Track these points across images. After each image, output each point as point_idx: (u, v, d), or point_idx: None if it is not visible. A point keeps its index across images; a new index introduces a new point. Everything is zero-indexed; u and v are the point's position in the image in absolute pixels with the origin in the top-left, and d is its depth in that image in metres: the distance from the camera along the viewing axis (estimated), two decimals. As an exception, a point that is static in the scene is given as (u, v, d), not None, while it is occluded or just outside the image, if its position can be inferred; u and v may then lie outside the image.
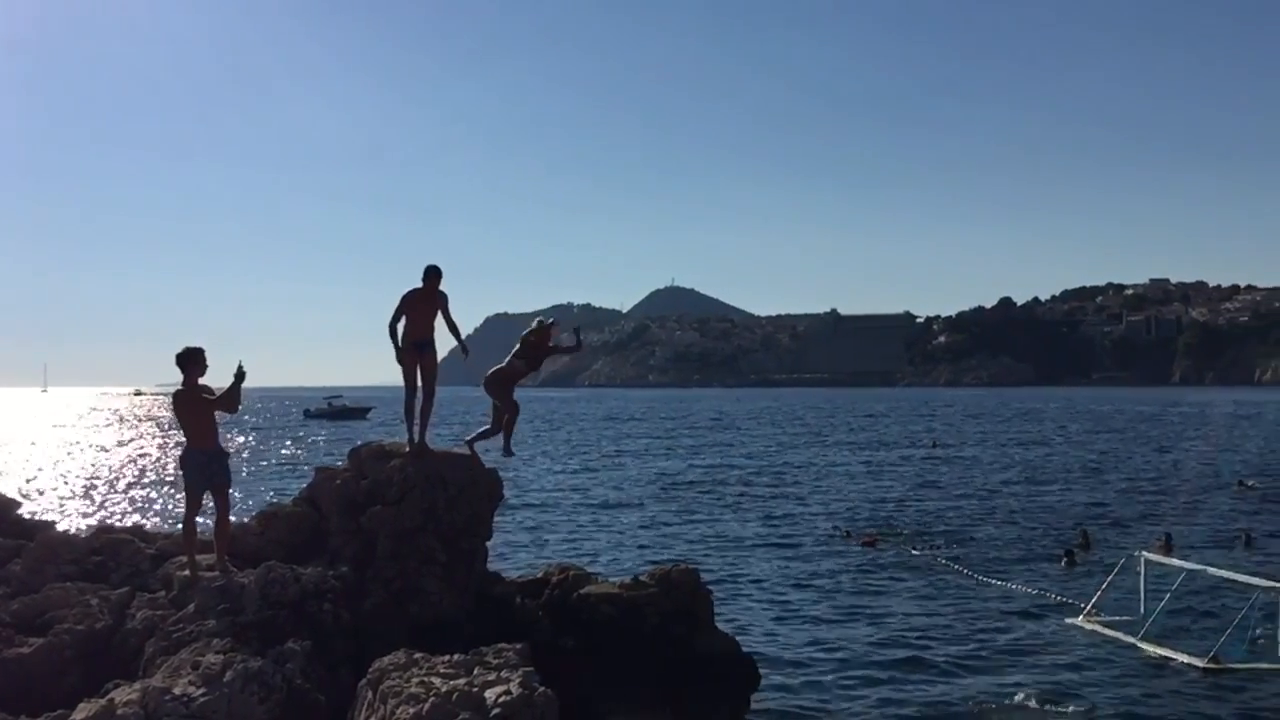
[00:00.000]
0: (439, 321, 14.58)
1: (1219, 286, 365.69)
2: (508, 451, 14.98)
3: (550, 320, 14.67)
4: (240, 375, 12.48)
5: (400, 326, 14.52)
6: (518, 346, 14.20)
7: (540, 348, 14.24)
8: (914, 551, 29.05)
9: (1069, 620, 20.66)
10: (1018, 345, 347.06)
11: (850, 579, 25.47)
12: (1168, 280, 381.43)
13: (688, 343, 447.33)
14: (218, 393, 12.64)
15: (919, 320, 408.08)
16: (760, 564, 27.78)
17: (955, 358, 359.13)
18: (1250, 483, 45.60)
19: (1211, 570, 20.69)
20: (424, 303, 14.20)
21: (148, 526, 20.73)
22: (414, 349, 14.59)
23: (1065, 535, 31.45)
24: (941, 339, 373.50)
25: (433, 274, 14.16)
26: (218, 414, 12.87)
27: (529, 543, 30.50)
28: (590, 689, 14.20)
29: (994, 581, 24.81)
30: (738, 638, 16.79)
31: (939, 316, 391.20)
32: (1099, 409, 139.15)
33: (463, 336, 15.15)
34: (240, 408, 12.94)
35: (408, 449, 14.69)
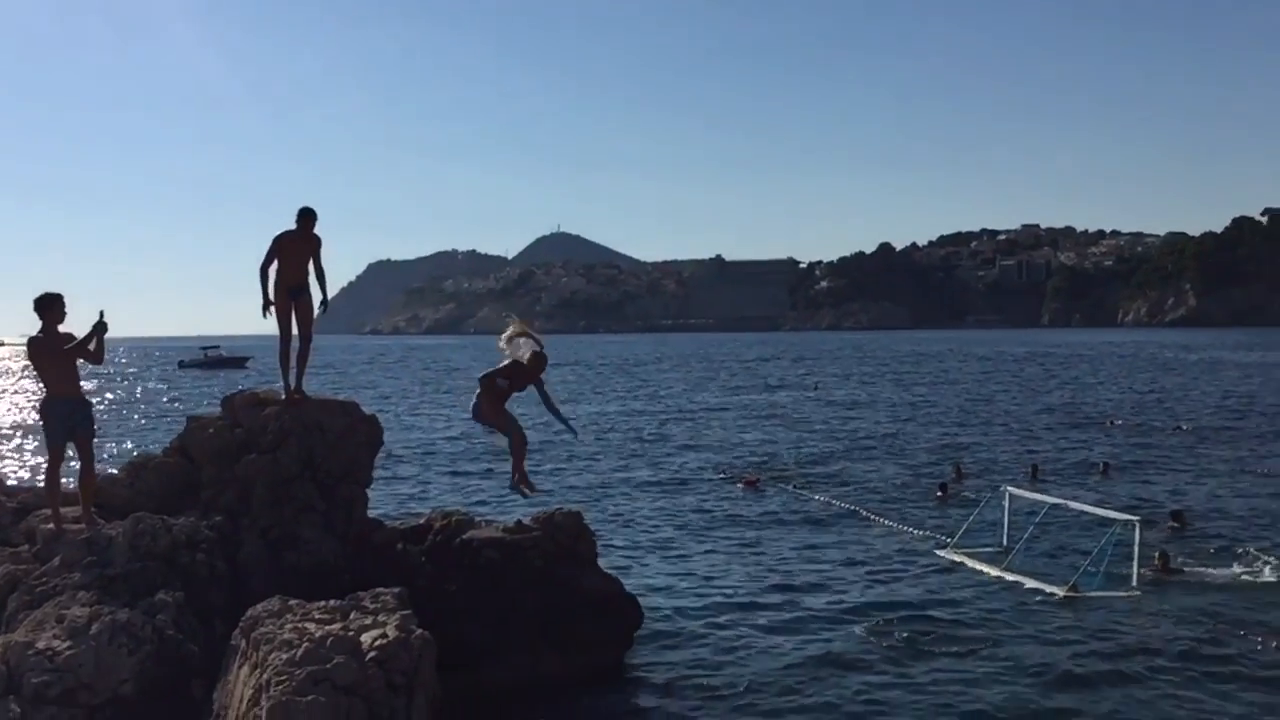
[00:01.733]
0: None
1: (1086, 231, 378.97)
2: (526, 487, 12.67)
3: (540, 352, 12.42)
4: (102, 327, 12.04)
5: (272, 271, 14.17)
6: (505, 363, 12.22)
7: (533, 376, 12.17)
8: (794, 491, 29.68)
9: (938, 552, 21.39)
10: (896, 290, 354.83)
11: (731, 519, 25.92)
12: (1038, 226, 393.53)
13: (574, 289, 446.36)
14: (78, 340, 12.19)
15: (802, 266, 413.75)
16: (644, 506, 28.07)
17: (837, 302, 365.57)
18: (1114, 420, 47.72)
19: (1073, 504, 21.63)
20: (298, 246, 13.87)
21: (9, 480, 19.96)
22: (288, 294, 14.27)
23: (940, 471, 32.49)
24: (824, 284, 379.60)
25: (307, 216, 13.80)
26: (82, 365, 12.42)
27: (414, 493, 30.23)
28: (474, 632, 14.26)
29: (870, 516, 25.52)
30: (621, 578, 17.00)
31: (821, 262, 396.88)
32: (974, 351, 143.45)
33: (328, 288, 14.74)
34: (106, 359, 12.49)
35: (283, 397, 14.43)
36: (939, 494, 28.26)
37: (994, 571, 19.61)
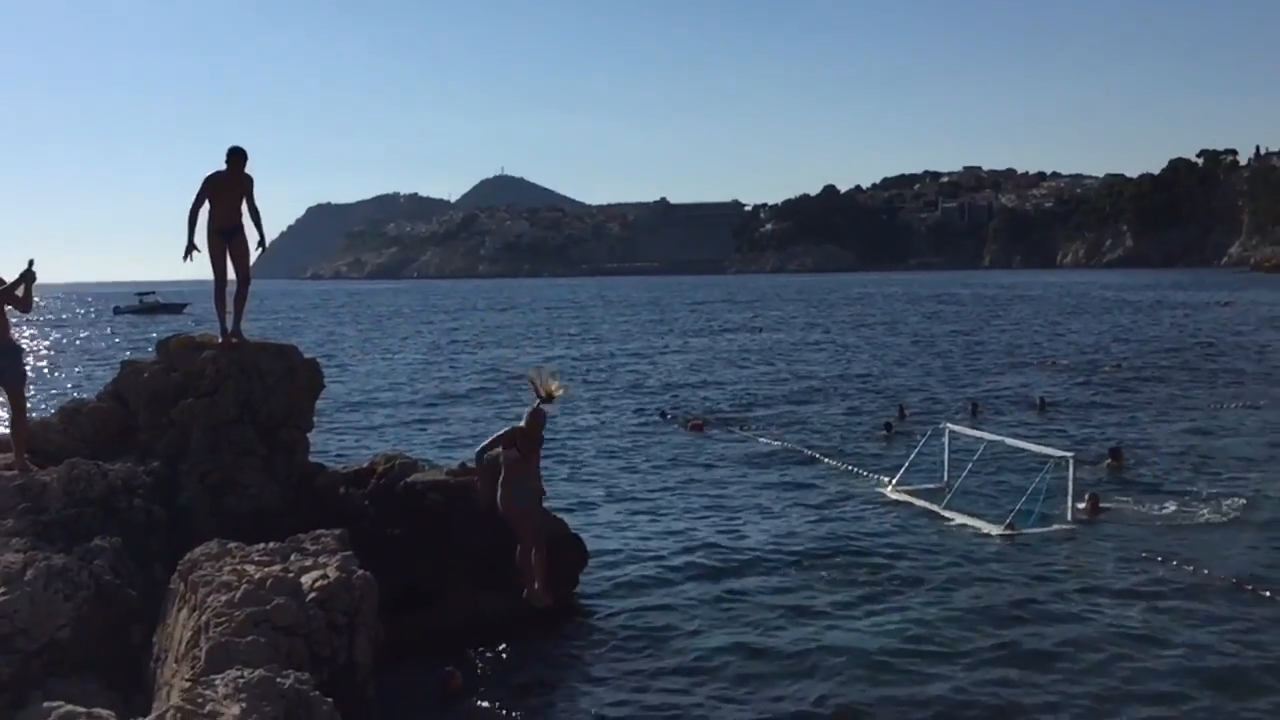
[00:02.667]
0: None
1: (1027, 174, 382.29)
2: (541, 595, 11.45)
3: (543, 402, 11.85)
4: (30, 275, 11.75)
5: (203, 214, 13.86)
6: (502, 431, 11.47)
7: (532, 436, 11.55)
8: (740, 433, 29.90)
9: (880, 490, 21.70)
10: (841, 232, 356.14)
11: (677, 462, 26.08)
12: (980, 168, 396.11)
13: (518, 233, 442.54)
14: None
15: (747, 209, 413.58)
16: (589, 449, 28.15)
17: (781, 245, 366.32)
18: (1053, 360, 48.55)
19: (1009, 441, 22.00)
20: (228, 187, 13.55)
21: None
22: (220, 236, 13.99)
23: (885, 410, 32.88)
24: (769, 227, 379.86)
25: (236, 156, 13.45)
26: (12, 313, 12.11)
27: (356, 439, 30.00)
28: (418, 575, 14.25)
29: (815, 456, 25.81)
30: (566, 520, 17.07)
31: (766, 205, 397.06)
32: (917, 292, 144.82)
33: (264, 228, 14.46)
34: (36, 305, 12.21)
35: (220, 340, 14.19)
36: (883, 433, 28.65)
37: (934, 509, 19.94)
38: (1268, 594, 14.74)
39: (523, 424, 11.24)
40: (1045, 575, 16.12)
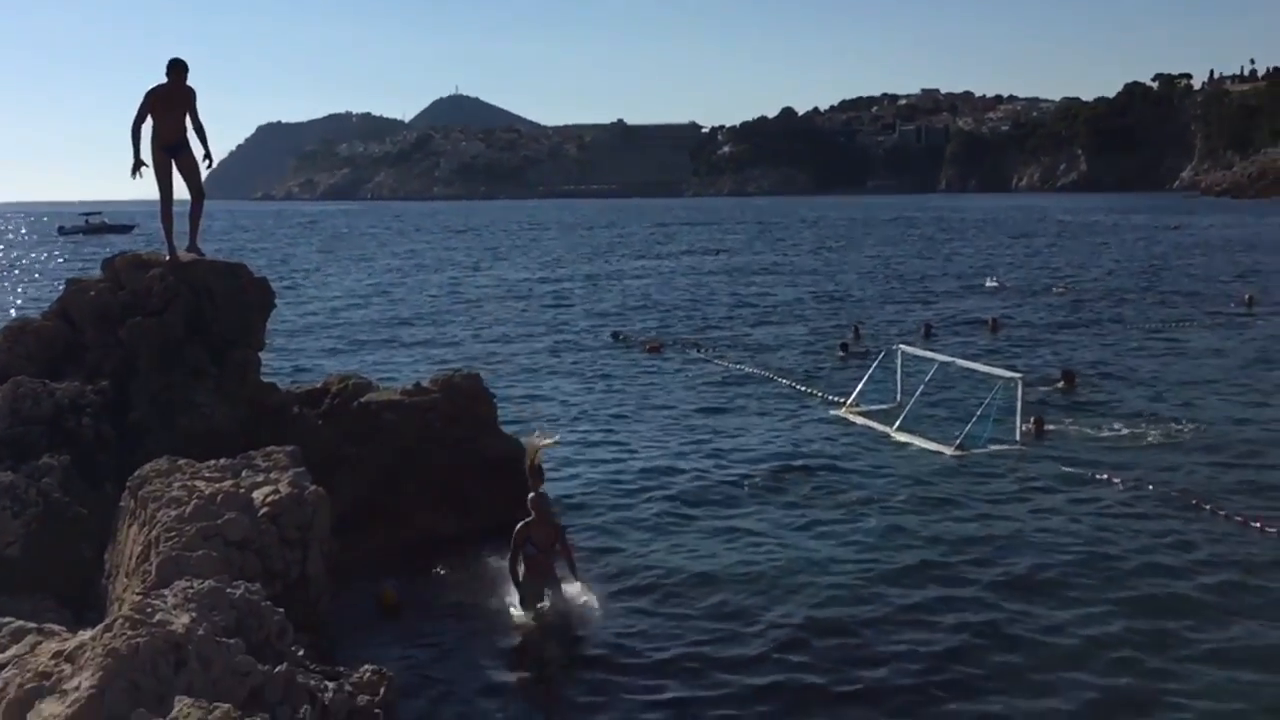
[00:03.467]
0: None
1: (984, 97, 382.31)
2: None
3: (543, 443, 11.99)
4: None
5: (147, 129, 13.56)
6: (517, 529, 11.40)
7: (543, 527, 11.67)
8: (697, 354, 29.99)
9: (833, 412, 21.90)
10: (798, 155, 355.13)
11: (632, 382, 26.16)
12: (938, 91, 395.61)
13: (473, 154, 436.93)
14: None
15: (704, 131, 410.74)
16: (545, 369, 28.15)
17: (739, 168, 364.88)
18: (1005, 282, 48.97)
19: (960, 362, 22.23)
20: (171, 101, 13.25)
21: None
22: (165, 152, 13.71)
23: (840, 331, 33.09)
24: (726, 149, 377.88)
25: (177, 68, 13.14)
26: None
27: (310, 363, 29.75)
28: (373, 494, 14.26)
29: (772, 378, 25.97)
30: (524, 439, 17.10)
31: (724, 127, 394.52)
32: (873, 215, 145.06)
33: (209, 142, 14.18)
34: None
35: (168, 258, 13.95)
36: (840, 354, 28.88)
37: (886, 430, 20.16)
38: (1208, 508, 15.12)
39: (530, 518, 11.33)
40: (994, 495, 16.41)
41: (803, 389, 24.63)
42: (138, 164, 13.49)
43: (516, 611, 11.56)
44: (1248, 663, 10.35)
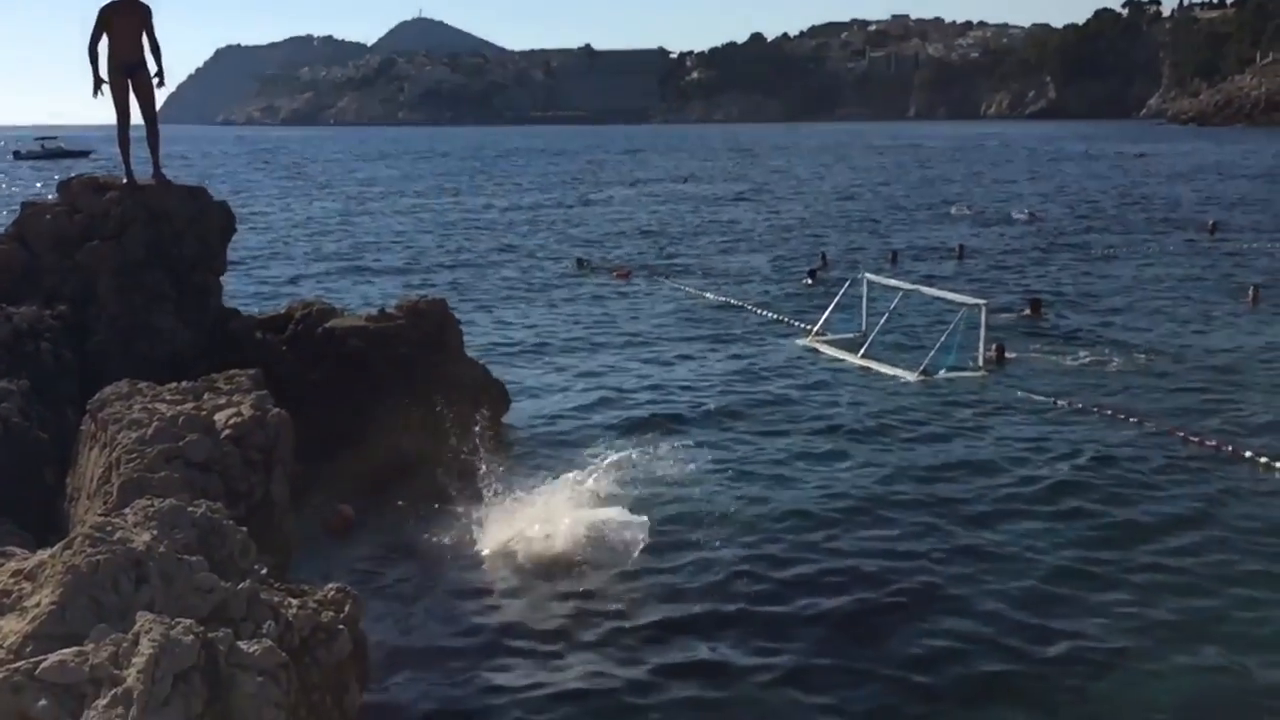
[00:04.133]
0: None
1: (954, 23, 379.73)
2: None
3: None
4: None
5: (103, 49, 13.24)
6: None
7: None
8: (666, 282, 29.95)
9: (799, 341, 21.96)
10: (768, 82, 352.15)
11: (598, 309, 26.13)
12: (907, 16, 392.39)
13: (438, 79, 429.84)
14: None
15: (673, 56, 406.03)
16: (511, 297, 28.05)
17: (708, 94, 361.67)
18: (973, 208, 49.10)
19: (925, 290, 22.34)
20: (125, 19, 12.92)
21: None
22: (122, 71, 13.40)
23: (810, 259, 33.11)
24: (695, 75, 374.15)
25: (130, -16, 12.78)
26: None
27: (273, 290, 29.45)
28: (339, 420, 14.22)
29: (741, 305, 26.01)
30: (489, 366, 17.08)
31: (692, 53, 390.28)
32: (843, 143, 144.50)
33: (164, 61, 13.86)
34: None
35: (125, 182, 13.72)
36: (807, 282, 28.93)
37: (852, 358, 20.26)
38: (1168, 431, 15.39)
39: None
40: (958, 422, 16.63)
41: (770, 316, 24.69)
42: (98, 83, 13.24)
43: (480, 536, 11.62)
44: (1212, 582, 10.62)
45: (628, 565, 10.79)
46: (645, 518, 11.53)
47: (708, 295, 27.58)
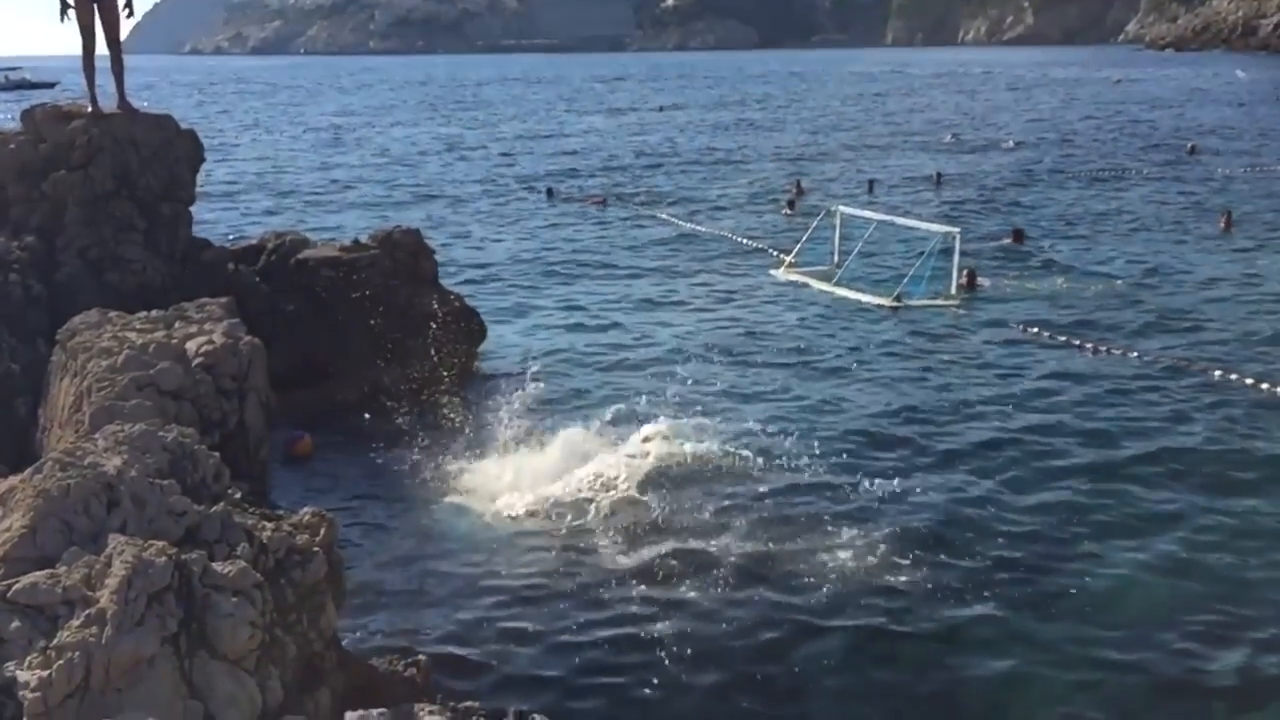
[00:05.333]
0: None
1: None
2: None
3: None
4: None
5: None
6: None
7: None
8: (641, 210, 29.80)
9: (773, 271, 21.92)
10: (743, 8, 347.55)
11: (578, 238, 26.02)
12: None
13: (409, 6, 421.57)
14: None
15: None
16: (485, 226, 27.87)
17: (684, 21, 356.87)
18: (952, 135, 48.90)
19: (899, 220, 22.33)
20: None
21: None
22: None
23: (787, 187, 32.93)
24: (670, 2, 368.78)
25: (92, -96, 12.45)
26: None
27: (248, 223, 29.11)
28: (314, 350, 14.19)
29: (717, 233, 25.93)
30: (466, 296, 17.01)
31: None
32: (820, 70, 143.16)
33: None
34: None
35: (90, 110, 13.48)
36: (786, 211, 28.77)
37: (825, 286, 20.30)
38: (1134, 355, 15.55)
39: None
40: (926, 337, 16.79)
41: (746, 244, 24.64)
42: (64, 6, 12.95)
43: (452, 469, 11.66)
44: (1187, 504, 10.83)
45: (598, 503, 10.71)
46: (617, 458, 11.49)
47: (683, 223, 27.48)
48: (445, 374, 13.85)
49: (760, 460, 11.80)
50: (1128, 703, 7.62)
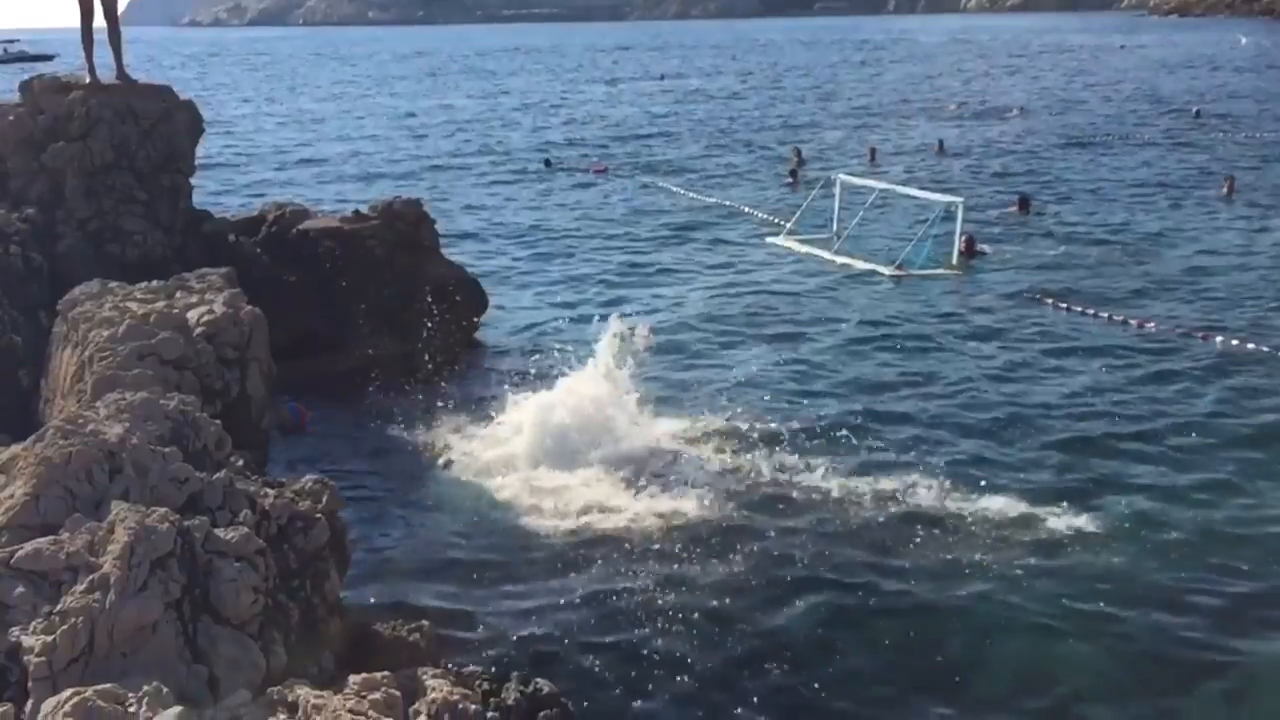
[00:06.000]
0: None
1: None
2: None
3: None
4: None
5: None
6: None
7: None
8: (642, 177, 29.73)
9: (771, 239, 21.86)
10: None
11: (581, 206, 25.97)
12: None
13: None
14: None
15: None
16: (489, 195, 27.81)
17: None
18: (959, 102, 48.66)
19: (899, 189, 22.25)
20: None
21: None
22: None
23: (788, 156, 32.77)
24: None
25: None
26: None
27: (249, 196, 28.98)
28: (315, 322, 14.20)
29: (717, 202, 25.86)
30: (467, 266, 16.99)
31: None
32: (821, 38, 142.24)
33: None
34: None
35: (89, 81, 13.44)
36: (789, 180, 28.60)
37: (827, 256, 20.25)
38: (1134, 323, 15.55)
39: None
40: (929, 306, 16.78)
41: (748, 212, 24.58)
42: None
43: (453, 440, 11.69)
44: (1184, 455, 10.91)
45: (599, 475, 10.73)
46: (618, 429, 11.50)
47: (684, 192, 27.40)
48: (446, 344, 13.86)
49: (760, 428, 11.81)
50: (1131, 668, 7.68)
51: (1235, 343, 14.46)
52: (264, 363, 7.26)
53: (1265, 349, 14.15)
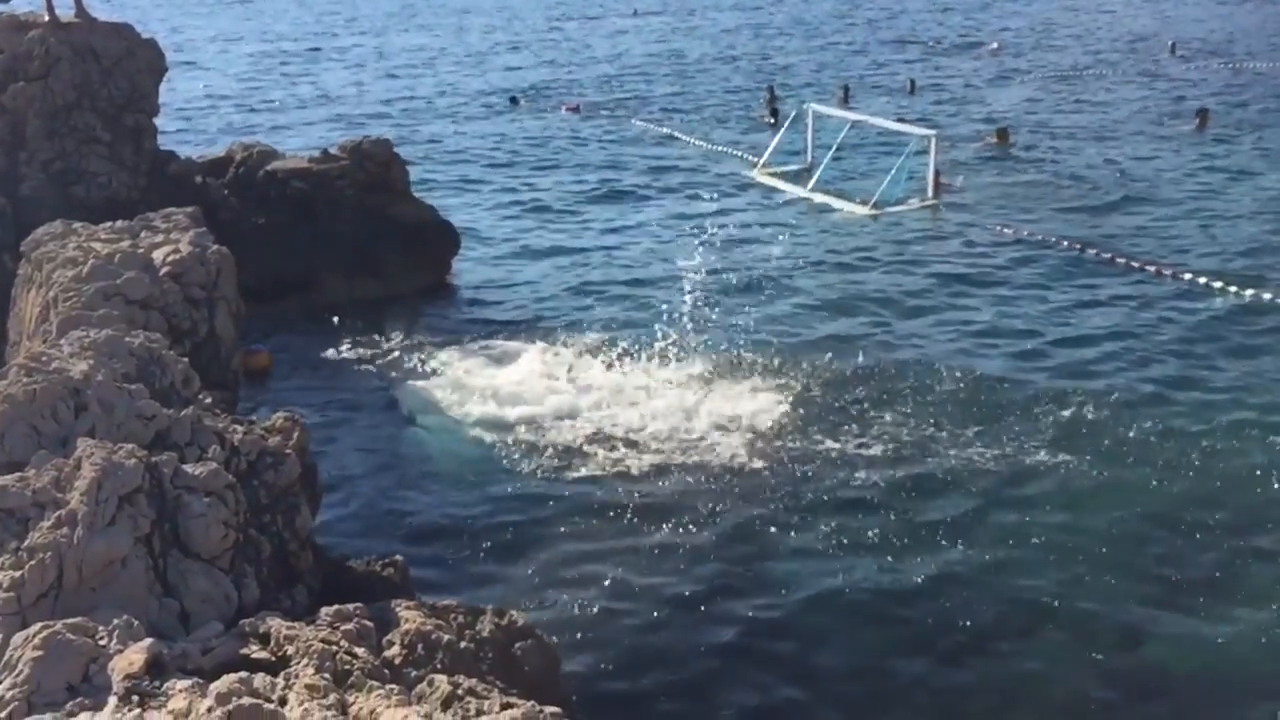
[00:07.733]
0: None
1: None
2: None
3: None
4: None
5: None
6: None
7: None
8: (614, 115, 29.44)
9: (747, 173, 21.73)
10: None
11: (551, 143, 25.72)
12: None
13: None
14: None
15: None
16: (456, 133, 27.50)
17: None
18: (937, 41, 48.27)
19: (873, 120, 22.09)
20: None
21: None
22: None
23: (761, 91, 32.46)
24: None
25: None
26: None
27: (216, 138, 28.50)
28: (286, 263, 14.10)
29: (688, 139, 25.67)
30: (440, 208, 16.82)
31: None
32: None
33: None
34: None
35: (47, 19, 13.19)
36: (770, 119, 28.27)
37: (802, 193, 20.13)
38: (1110, 256, 15.64)
39: None
40: (904, 244, 16.80)
41: (721, 149, 24.40)
42: None
43: (427, 375, 11.69)
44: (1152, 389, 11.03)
45: (568, 414, 10.78)
46: (588, 372, 11.50)
47: (659, 129, 27.16)
48: (417, 285, 13.80)
49: (731, 372, 11.89)
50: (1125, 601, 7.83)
51: (1203, 280, 14.57)
52: (233, 303, 7.22)
53: (1219, 284, 14.31)
